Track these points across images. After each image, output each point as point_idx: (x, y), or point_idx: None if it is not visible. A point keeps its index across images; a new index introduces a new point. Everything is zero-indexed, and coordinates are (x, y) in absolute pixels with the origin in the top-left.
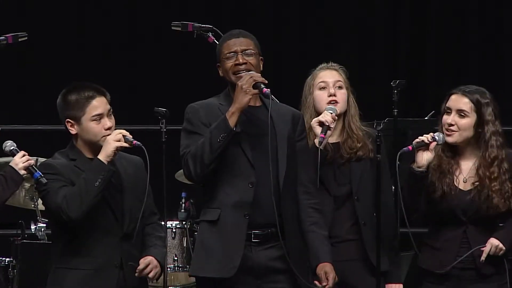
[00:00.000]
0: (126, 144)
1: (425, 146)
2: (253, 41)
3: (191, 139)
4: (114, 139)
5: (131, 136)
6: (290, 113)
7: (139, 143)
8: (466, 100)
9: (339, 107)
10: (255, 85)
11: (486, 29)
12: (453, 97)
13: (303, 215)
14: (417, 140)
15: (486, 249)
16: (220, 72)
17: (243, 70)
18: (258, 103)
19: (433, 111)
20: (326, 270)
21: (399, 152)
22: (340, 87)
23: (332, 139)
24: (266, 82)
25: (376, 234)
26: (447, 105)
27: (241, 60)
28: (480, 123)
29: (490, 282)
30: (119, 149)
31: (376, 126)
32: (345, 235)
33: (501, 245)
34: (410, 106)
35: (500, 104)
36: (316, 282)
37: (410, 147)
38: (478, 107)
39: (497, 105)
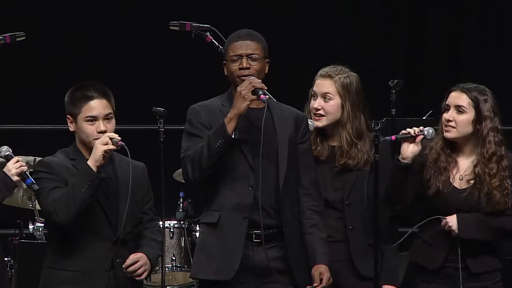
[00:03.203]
0: (113, 147)
1: (411, 139)
2: (260, 44)
3: (191, 141)
4: (102, 143)
5: (118, 138)
6: (293, 115)
7: (123, 143)
8: (464, 96)
9: (324, 120)
10: (254, 91)
11: (486, 29)
12: (452, 94)
13: (303, 217)
14: (403, 131)
15: (442, 223)
16: (225, 71)
17: (247, 75)
18: (261, 105)
19: (431, 111)
20: (320, 271)
21: (380, 140)
22: (329, 99)
23: (333, 142)
24: (266, 88)
25: (374, 235)
26: (446, 102)
27: (245, 65)
28: (478, 120)
29: (482, 280)
30: (108, 153)
31: (374, 126)
32: (333, 235)
33: (454, 227)
34: (408, 105)
35: (500, 104)
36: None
37: (393, 137)
38: (476, 103)
39: (496, 102)
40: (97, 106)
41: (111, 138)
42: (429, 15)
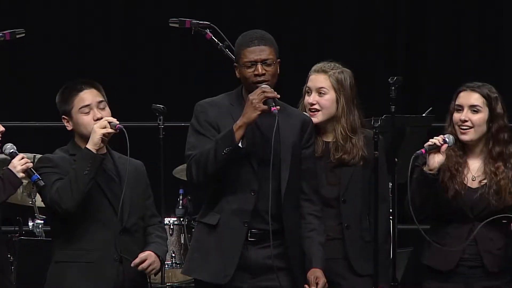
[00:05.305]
0: (111, 130)
1: (436, 149)
2: (272, 47)
3: (197, 139)
4: (100, 127)
5: (117, 122)
6: (299, 120)
7: (121, 126)
8: (477, 95)
9: (319, 115)
10: (266, 102)
11: (486, 29)
12: (462, 94)
13: (303, 222)
14: (428, 143)
15: None
16: (237, 73)
17: (262, 81)
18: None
19: (431, 108)
20: (317, 275)
21: (413, 156)
22: (324, 93)
23: (327, 138)
24: (278, 96)
25: (374, 232)
26: (456, 103)
27: (260, 71)
28: (491, 118)
29: (498, 279)
30: (106, 136)
31: (374, 122)
32: (328, 233)
33: None
34: (408, 102)
35: None
36: (306, 286)
37: (423, 150)
38: (489, 101)
39: (503, 100)
40: (88, 95)
41: (109, 122)
42: (429, 15)
